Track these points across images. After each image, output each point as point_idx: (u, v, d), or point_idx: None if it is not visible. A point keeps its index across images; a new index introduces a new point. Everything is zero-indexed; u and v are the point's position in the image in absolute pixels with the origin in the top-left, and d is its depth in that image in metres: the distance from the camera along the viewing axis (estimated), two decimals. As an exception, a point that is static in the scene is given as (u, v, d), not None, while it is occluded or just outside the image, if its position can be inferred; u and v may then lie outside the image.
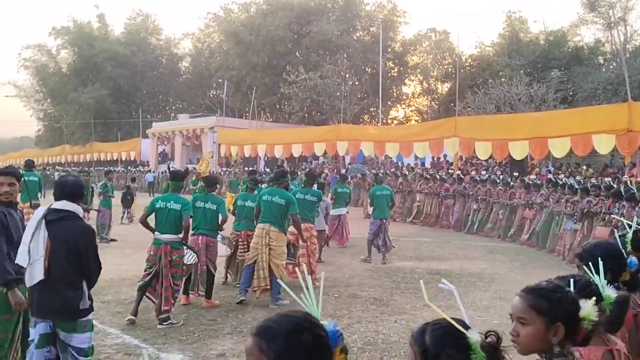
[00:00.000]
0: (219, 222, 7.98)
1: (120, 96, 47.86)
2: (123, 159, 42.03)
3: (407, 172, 21.12)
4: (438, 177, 18.72)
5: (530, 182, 15.10)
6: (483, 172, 18.76)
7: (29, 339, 4.03)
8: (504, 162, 21.32)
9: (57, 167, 46.70)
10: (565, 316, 1.89)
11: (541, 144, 17.36)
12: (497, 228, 15.46)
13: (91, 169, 36.36)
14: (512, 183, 15.90)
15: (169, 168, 16.79)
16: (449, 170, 20.37)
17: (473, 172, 18.66)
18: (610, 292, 2.15)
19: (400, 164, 24.50)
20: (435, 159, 23.85)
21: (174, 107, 53.31)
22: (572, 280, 2.12)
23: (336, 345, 1.46)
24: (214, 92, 49.65)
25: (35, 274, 3.89)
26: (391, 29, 39.63)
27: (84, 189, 4.42)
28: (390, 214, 12.12)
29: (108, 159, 43.29)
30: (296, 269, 8.90)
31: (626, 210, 10.46)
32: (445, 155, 22.80)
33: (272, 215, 7.91)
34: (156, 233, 7.00)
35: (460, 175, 18.43)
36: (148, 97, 50.29)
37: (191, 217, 7.74)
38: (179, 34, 64.17)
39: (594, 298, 1.96)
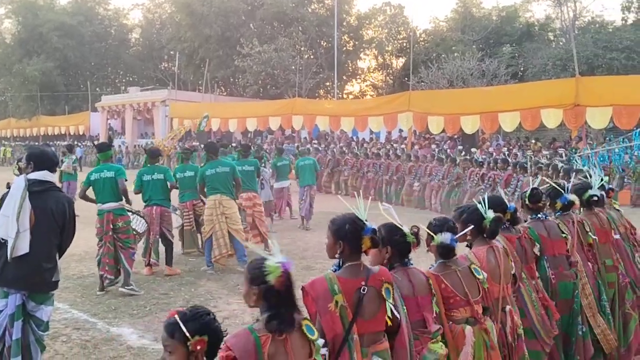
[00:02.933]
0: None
1: (67, 68, 46.13)
2: (71, 133, 40.73)
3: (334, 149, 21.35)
4: (362, 153, 19.23)
5: (443, 157, 16.32)
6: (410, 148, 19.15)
7: None
8: (455, 136, 21.64)
9: (3, 141, 45.11)
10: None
11: (492, 118, 17.65)
12: (412, 199, 16.12)
13: (36, 144, 35.12)
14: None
15: (93, 143, 16.29)
16: (402, 146, 20.58)
17: (417, 147, 19.01)
18: (489, 214, 3.46)
19: (355, 139, 24.61)
20: (389, 133, 24.01)
21: (124, 80, 51.74)
22: (466, 208, 3.58)
23: (365, 235, 2.63)
24: (166, 65, 48.43)
25: (21, 247, 3.83)
26: (346, 2, 39.25)
27: (58, 160, 4.40)
28: (316, 182, 12.66)
29: (56, 133, 41.80)
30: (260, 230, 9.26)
31: (522, 183, 11.91)
32: (401, 130, 22.95)
33: (221, 185, 8.20)
34: (98, 204, 7.09)
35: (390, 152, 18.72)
36: (97, 69, 48.65)
37: (139, 192, 8.08)
38: (129, 4, 62.02)
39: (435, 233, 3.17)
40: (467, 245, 3.55)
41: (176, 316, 2.10)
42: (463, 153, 18.03)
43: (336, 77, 32.37)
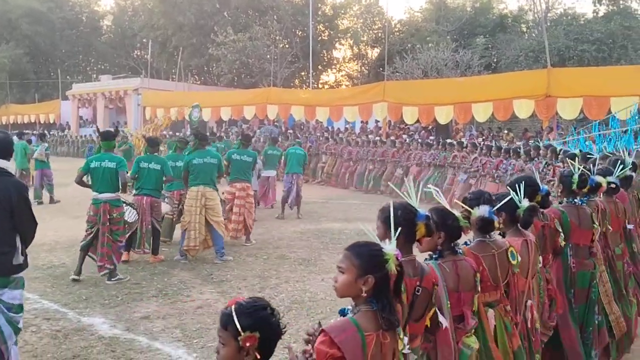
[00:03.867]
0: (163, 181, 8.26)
1: (37, 55, 45.12)
2: (42, 121, 39.94)
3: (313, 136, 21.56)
4: (344, 140, 19.30)
5: (428, 143, 16.60)
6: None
7: None
8: (429, 126, 21.77)
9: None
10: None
11: (465, 108, 17.77)
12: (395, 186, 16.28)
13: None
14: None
15: (98, 129, 16.08)
16: (374, 136, 20.60)
17: (392, 137, 19.17)
18: (524, 203, 3.36)
19: (330, 129, 24.58)
20: (364, 123, 24.02)
21: (95, 68, 50.89)
22: (497, 195, 3.35)
23: (419, 221, 2.55)
24: (138, 53, 47.68)
25: None
26: (321, -9, 39.21)
27: (13, 146, 4.31)
28: (302, 172, 12.80)
29: (25, 121, 40.96)
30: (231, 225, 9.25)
31: (512, 167, 11.99)
32: (377, 121, 22.97)
33: (205, 176, 8.19)
34: (94, 193, 7.07)
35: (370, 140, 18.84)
36: (68, 57, 47.73)
37: (135, 177, 8.08)
38: (100, -10, 60.75)
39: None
40: (499, 234, 3.41)
41: (232, 307, 1.97)
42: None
43: (311, 67, 32.20)
